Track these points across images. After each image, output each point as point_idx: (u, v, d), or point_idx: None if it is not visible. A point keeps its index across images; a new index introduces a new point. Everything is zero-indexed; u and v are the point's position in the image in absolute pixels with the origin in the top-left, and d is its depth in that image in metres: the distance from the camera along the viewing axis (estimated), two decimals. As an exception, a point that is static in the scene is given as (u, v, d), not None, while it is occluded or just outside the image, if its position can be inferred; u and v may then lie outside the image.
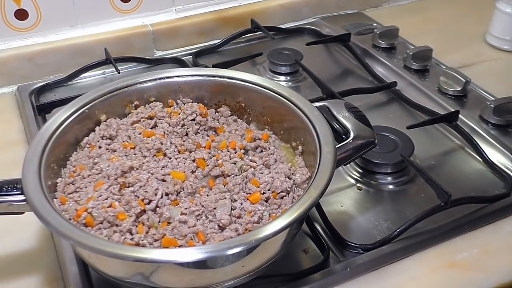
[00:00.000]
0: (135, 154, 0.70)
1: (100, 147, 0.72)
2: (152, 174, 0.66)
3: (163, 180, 0.65)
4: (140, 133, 0.73)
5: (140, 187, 0.63)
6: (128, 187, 0.64)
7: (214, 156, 0.70)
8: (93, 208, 0.60)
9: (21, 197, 0.60)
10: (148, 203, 0.62)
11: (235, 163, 0.69)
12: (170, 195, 0.64)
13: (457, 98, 0.99)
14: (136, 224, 0.60)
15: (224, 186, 0.66)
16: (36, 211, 0.57)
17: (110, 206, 0.61)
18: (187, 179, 0.67)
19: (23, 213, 0.62)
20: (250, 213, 0.62)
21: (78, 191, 0.65)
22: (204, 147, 0.72)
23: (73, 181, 0.66)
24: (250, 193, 0.65)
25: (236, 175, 0.67)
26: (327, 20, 1.28)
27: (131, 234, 0.59)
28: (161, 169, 0.67)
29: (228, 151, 0.71)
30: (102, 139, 0.73)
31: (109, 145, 0.72)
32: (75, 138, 0.72)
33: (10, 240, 0.73)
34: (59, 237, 0.55)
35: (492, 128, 0.91)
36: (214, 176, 0.68)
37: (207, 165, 0.68)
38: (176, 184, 0.65)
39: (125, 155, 0.70)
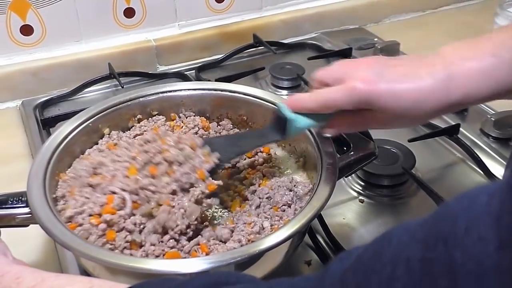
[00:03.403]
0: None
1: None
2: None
3: None
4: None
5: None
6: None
7: None
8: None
9: (26, 210, 0.60)
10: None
11: None
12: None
13: (458, 112, 0.99)
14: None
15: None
16: (42, 224, 0.57)
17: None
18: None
19: (27, 226, 0.63)
20: (250, 224, 0.63)
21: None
22: None
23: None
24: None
25: None
26: (328, 35, 1.29)
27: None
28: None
29: None
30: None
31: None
32: (80, 151, 0.73)
33: (14, 253, 0.72)
34: (65, 249, 0.56)
35: (493, 141, 0.92)
36: None
37: None
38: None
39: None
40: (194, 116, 0.80)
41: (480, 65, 0.55)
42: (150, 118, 0.80)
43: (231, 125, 0.81)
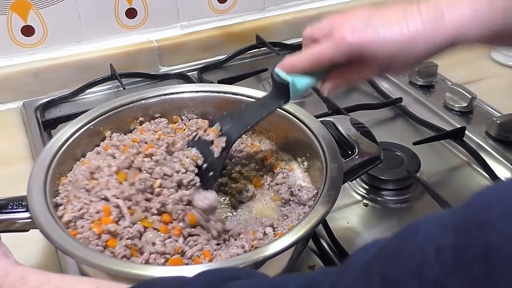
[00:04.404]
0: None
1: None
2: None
3: None
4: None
5: None
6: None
7: None
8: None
9: (27, 215, 0.59)
10: None
11: None
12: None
13: (463, 114, 0.99)
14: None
15: None
16: (42, 229, 0.57)
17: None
18: None
19: (27, 230, 0.62)
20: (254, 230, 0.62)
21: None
22: None
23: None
24: None
25: None
26: (331, 36, 1.28)
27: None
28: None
29: None
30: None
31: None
32: (81, 154, 0.72)
33: (14, 256, 0.72)
34: (66, 255, 0.55)
35: (499, 144, 0.91)
36: None
37: None
38: None
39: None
40: (197, 118, 0.80)
41: (473, 8, 0.55)
42: (152, 121, 0.79)
43: (234, 128, 0.80)
